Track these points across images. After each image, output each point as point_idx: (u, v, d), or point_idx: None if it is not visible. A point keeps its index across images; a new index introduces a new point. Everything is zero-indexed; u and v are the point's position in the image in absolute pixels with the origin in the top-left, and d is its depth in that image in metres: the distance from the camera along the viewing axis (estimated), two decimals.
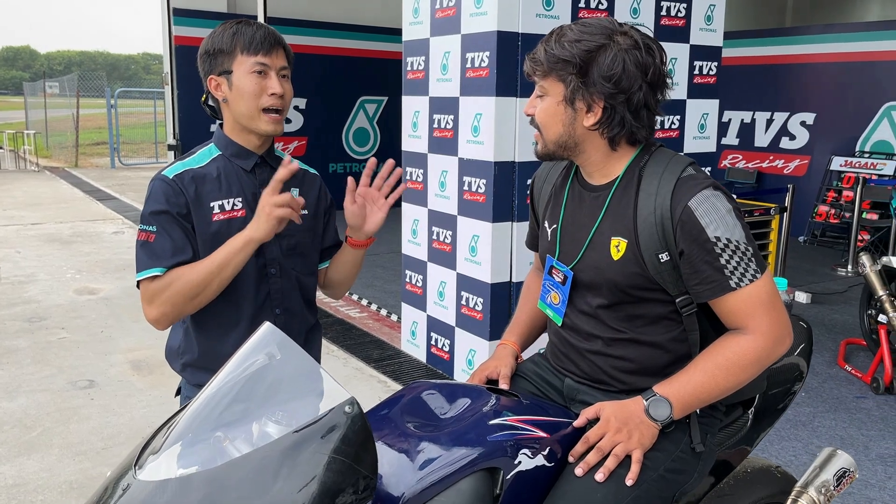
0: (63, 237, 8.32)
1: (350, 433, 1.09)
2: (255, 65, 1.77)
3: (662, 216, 1.47)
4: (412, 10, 4.44)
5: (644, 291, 1.53)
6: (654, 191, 1.49)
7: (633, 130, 1.52)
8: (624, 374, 1.59)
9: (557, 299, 1.65)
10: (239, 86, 1.78)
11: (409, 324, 4.82)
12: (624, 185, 1.55)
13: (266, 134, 1.83)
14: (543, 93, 1.55)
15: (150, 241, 1.75)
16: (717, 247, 1.44)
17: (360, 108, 10.36)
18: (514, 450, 1.38)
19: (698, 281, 1.47)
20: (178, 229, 1.76)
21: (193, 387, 1.90)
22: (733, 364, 1.46)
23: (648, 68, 1.48)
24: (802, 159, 9.25)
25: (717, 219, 1.44)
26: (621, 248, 1.52)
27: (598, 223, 1.57)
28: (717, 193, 1.47)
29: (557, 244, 1.66)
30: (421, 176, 4.51)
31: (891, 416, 4.05)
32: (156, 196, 1.78)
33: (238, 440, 1.16)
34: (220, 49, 1.80)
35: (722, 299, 1.47)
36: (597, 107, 1.50)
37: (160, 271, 1.73)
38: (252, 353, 1.23)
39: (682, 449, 1.53)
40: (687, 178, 1.49)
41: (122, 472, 1.19)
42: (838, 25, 9.43)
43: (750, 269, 1.45)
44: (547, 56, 1.51)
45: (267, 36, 1.80)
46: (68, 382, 4.23)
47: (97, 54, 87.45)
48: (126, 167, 15.92)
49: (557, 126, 1.54)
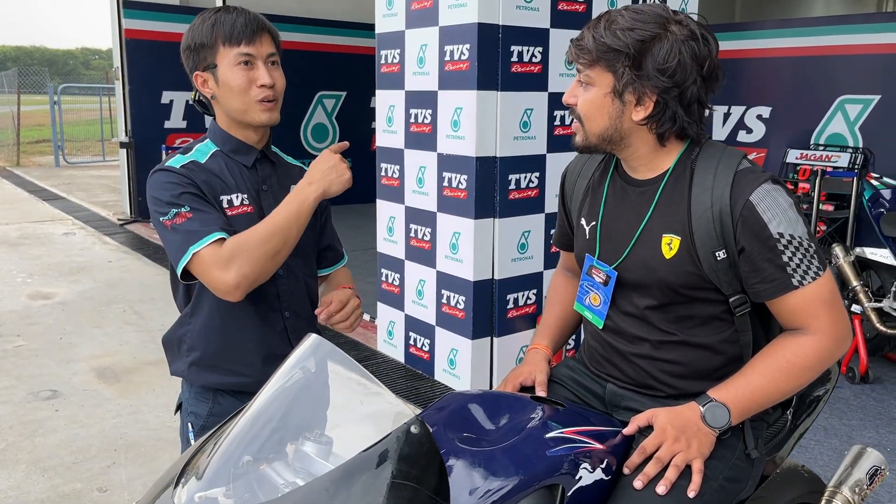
0: (10, 240, 7.95)
1: (417, 455, 1.00)
2: (239, 56, 1.65)
3: (721, 211, 1.40)
4: (386, 2, 4.32)
5: (697, 291, 1.46)
6: (709, 185, 1.42)
7: (685, 125, 1.44)
8: (674, 378, 1.51)
9: (598, 300, 1.57)
10: (225, 80, 1.66)
11: (385, 323, 4.71)
12: (674, 180, 1.47)
13: (262, 124, 1.72)
14: (589, 82, 1.46)
15: (190, 218, 1.58)
16: (780, 243, 1.38)
17: (319, 104, 10.16)
18: (573, 464, 1.30)
19: (759, 279, 1.41)
20: (211, 207, 1.63)
21: (200, 400, 1.77)
22: (794, 366, 1.40)
23: (705, 61, 1.41)
24: (759, 152, 9.39)
25: (780, 213, 1.38)
26: (674, 246, 1.44)
27: (646, 219, 1.49)
28: (777, 187, 1.41)
29: (598, 242, 1.57)
30: (397, 172, 4.40)
31: (869, 404, 4.10)
32: (170, 182, 1.63)
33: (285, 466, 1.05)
34: (200, 43, 1.67)
35: (782, 298, 1.40)
36: (648, 101, 1.42)
37: (223, 235, 1.57)
38: (296, 367, 1.12)
39: (738, 456, 1.47)
40: (745, 171, 1.42)
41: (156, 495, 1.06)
42: (792, 20, 9.61)
43: (812, 267, 1.39)
44: (596, 44, 1.42)
45: (249, 22, 1.67)
46: (30, 393, 4.01)
47: (34, 49, 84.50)
48: (71, 165, 15.35)
49: (603, 119, 1.46)
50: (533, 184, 4.05)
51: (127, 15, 8.62)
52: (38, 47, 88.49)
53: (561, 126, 4.11)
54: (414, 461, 1.00)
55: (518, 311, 4.12)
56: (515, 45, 3.83)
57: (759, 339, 1.51)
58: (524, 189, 4.02)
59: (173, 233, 1.59)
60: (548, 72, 3.99)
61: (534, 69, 3.93)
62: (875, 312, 4.38)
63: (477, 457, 1.26)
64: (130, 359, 4.47)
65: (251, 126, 1.72)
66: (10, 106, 16.82)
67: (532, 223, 4.08)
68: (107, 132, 16.63)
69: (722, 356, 1.51)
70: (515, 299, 4.11)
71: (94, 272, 6.62)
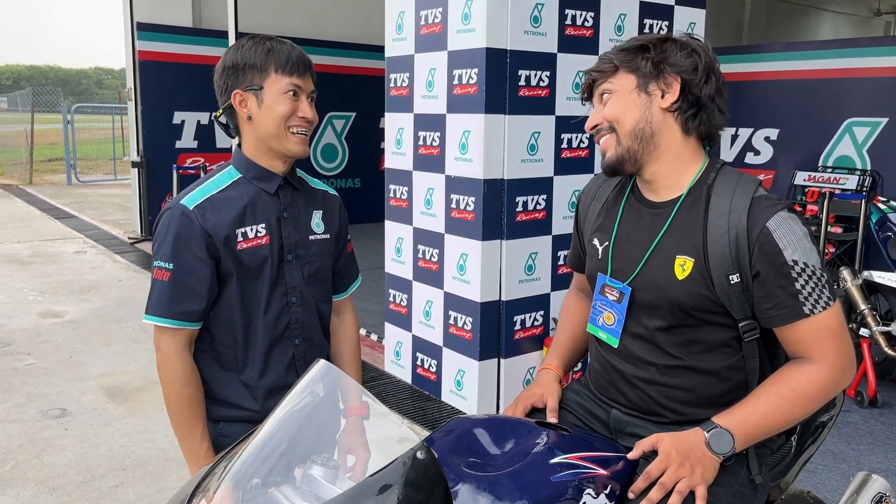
0: (21, 258, 8.02)
1: (423, 480, 1.01)
2: (289, 85, 1.70)
3: (738, 236, 1.42)
4: (395, 27, 4.38)
5: (707, 314, 1.48)
6: (726, 209, 1.45)
7: (708, 114, 1.50)
8: (679, 404, 1.53)
9: (612, 319, 1.58)
10: (270, 104, 1.69)
11: (392, 344, 4.72)
12: (690, 202, 1.51)
13: (293, 156, 1.75)
14: (610, 90, 1.52)
15: (164, 281, 1.68)
16: (794, 271, 1.40)
17: (329, 124, 10.24)
18: (577, 490, 1.31)
19: (771, 305, 1.43)
20: (194, 271, 1.67)
21: (210, 422, 1.79)
22: (799, 395, 1.41)
23: (713, 65, 1.50)
24: (767, 174, 9.40)
25: (795, 241, 1.41)
26: (687, 268, 1.47)
27: (658, 239, 1.51)
28: (793, 216, 1.43)
29: (609, 261, 1.59)
30: (405, 193, 4.44)
31: (877, 429, 4.08)
32: (174, 230, 1.67)
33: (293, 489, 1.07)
34: (251, 64, 1.70)
35: (792, 326, 1.42)
36: (674, 83, 1.49)
37: (163, 322, 1.68)
38: (307, 391, 1.14)
39: (742, 482, 1.48)
40: (762, 198, 1.45)
41: None
42: (800, 44, 9.66)
43: (823, 296, 1.41)
44: (615, 54, 1.51)
45: (302, 57, 1.74)
46: (39, 412, 4.04)
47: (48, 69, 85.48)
48: (83, 184, 15.48)
49: (633, 114, 1.51)
50: (540, 206, 4.07)
51: (140, 37, 8.75)
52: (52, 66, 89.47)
53: (568, 149, 4.14)
54: (420, 486, 1.01)
55: (525, 333, 4.14)
56: (523, 70, 3.88)
57: (764, 366, 1.52)
58: (531, 211, 4.05)
59: (153, 283, 1.71)
60: (555, 95, 4.03)
61: (541, 93, 3.97)
62: (883, 336, 4.37)
63: (482, 482, 1.27)
64: (139, 377, 4.49)
65: (279, 155, 1.74)
66: (23, 125, 16.99)
67: (539, 245, 4.10)
68: (119, 151, 16.76)
69: (727, 382, 1.52)
70: (522, 321, 4.12)
71: (104, 291, 6.66)
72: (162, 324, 1.67)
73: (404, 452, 1.01)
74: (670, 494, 1.37)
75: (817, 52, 9.03)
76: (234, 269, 1.69)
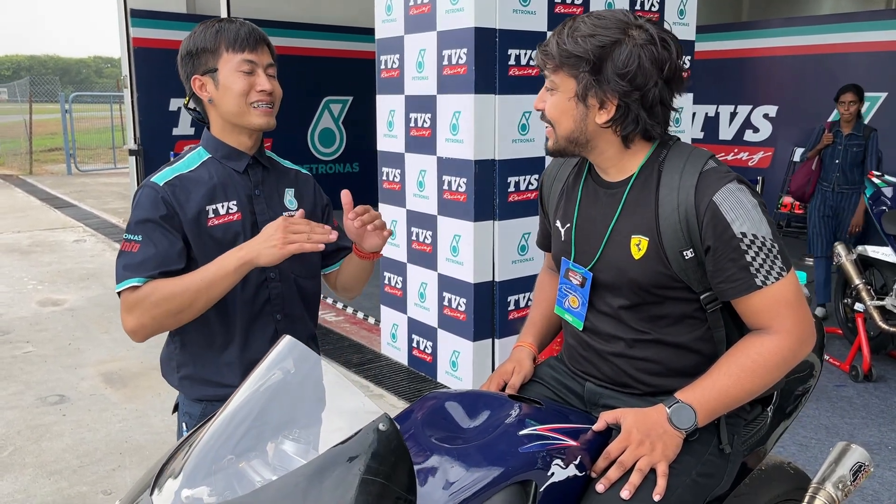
0: (21, 247, 8.05)
1: (385, 451, 1.02)
2: (242, 62, 1.70)
3: (687, 211, 1.42)
4: (385, 8, 4.36)
5: (667, 290, 1.48)
6: (675, 185, 1.44)
7: (648, 128, 1.47)
8: (649, 375, 1.54)
9: (577, 303, 1.60)
10: (226, 84, 1.70)
11: (388, 326, 4.74)
12: (642, 181, 1.50)
13: (258, 128, 1.75)
14: (554, 87, 1.49)
15: (133, 252, 1.66)
16: (744, 243, 1.40)
17: (325, 109, 10.22)
18: (546, 461, 1.32)
19: (722, 279, 1.43)
20: (165, 239, 1.66)
21: (193, 401, 1.81)
22: (759, 366, 1.41)
23: (664, 64, 1.43)
24: (766, 151, 9.38)
25: (743, 213, 1.40)
26: (643, 247, 1.47)
27: (614, 221, 1.52)
28: (741, 187, 1.43)
29: (573, 245, 1.60)
30: (398, 176, 4.44)
31: (872, 403, 4.10)
32: (142, 204, 1.70)
33: (263, 464, 1.08)
34: (202, 48, 1.72)
35: (746, 298, 1.42)
36: (610, 104, 1.45)
37: (139, 282, 1.63)
38: (272, 368, 1.15)
39: (711, 451, 1.49)
40: (710, 171, 1.44)
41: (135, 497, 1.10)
42: (797, 19, 9.58)
43: (776, 267, 1.41)
44: (559, 50, 1.45)
45: (252, 32, 1.73)
46: (38, 398, 4.07)
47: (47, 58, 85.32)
48: (83, 173, 15.51)
49: (568, 122, 1.49)
50: (532, 186, 4.07)
51: (134, 24, 8.71)
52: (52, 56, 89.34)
53: None
54: (382, 458, 1.02)
55: (519, 313, 4.15)
56: (513, 49, 3.86)
57: (732, 335, 1.52)
58: (523, 191, 4.04)
59: (119, 257, 1.68)
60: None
61: (531, 72, 3.95)
62: (878, 311, 4.38)
63: (451, 454, 1.28)
64: (137, 364, 4.52)
65: (245, 131, 1.75)
66: (22, 115, 17.00)
67: (532, 225, 4.10)
68: (118, 140, 16.76)
69: (696, 354, 1.53)
70: (516, 301, 4.13)
71: (103, 278, 6.69)
72: (134, 283, 1.62)
73: (367, 424, 1.03)
74: (631, 472, 1.38)
75: (815, 28, 8.96)
76: (206, 246, 1.69)
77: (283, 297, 1.81)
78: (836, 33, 8.78)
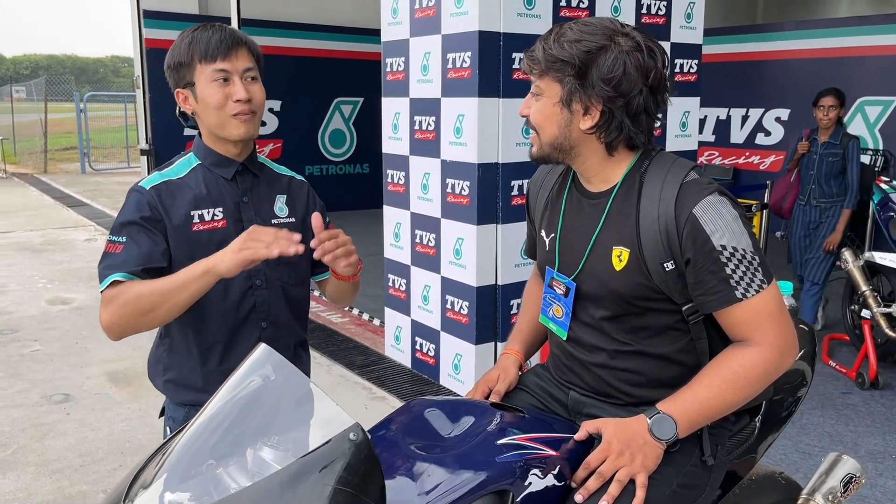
0: (34, 245, 8.13)
1: (356, 462, 1.02)
2: (214, 73, 1.68)
3: (667, 223, 1.41)
4: (391, 11, 4.37)
5: (649, 302, 1.48)
6: (656, 197, 1.44)
7: (631, 135, 1.47)
8: (631, 386, 1.53)
9: (561, 312, 1.59)
10: (203, 97, 1.70)
11: (392, 328, 4.75)
12: (624, 192, 1.50)
13: (239, 139, 1.73)
14: (539, 92, 1.50)
15: (116, 252, 1.65)
16: (723, 255, 1.39)
17: (336, 110, 10.26)
18: (523, 470, 1.32)
19: (702, 291, 1.42)
20: (148, 239, 1.66)
21: (178, 405, 1.82)
22: (740, 378, 1.41)
23: (650, 72, 1.43)
24: (778, 155, 9.30)
25: (723, 226, 1.39)
26: (623, 259, 1.47)
27: (597, 232, 1.51)
28: (722, 199, 1.42)
29: (557, 254, 1.60)
30: (402, 178, 4.45)
31: (877, 411, 4.06)
32: (128, 207, 1.70)
33: (235, 471, 1.09)
34: (178, 62, 1.71)
35: (727, 310, 1.42)
36: (594, 110, 1.45)
37: (121, 276, 1.61)
38: (247, 376, 1.15)
39: (693, 462, 1.48)
40: (691, 182, 1.44)
41: None
42: (811, 22, 9.51)
43: (756, 279, 1.40)
44: (545, 55, 1.46)
45: (224, 38, 1.69)
46: (43, 397, 4.11)
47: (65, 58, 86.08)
48: (97, 172, 15.64)
49: (553, 128, 1.49)
50: None
51: (147, 24, 8.79)
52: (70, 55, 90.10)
53: None
54: (353, 468, 1.02)
55: None
56: (517, 52, 3.86)
57: (715, 346, 1.51)
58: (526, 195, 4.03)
59: (102, 258, 1.66)
60: None
61: None
62: (884, 318, 4.34)
63: (429, 461, 1.28)
64: (142, 363, 4.51)
65: (228, 140, 1.75)
66: (38, 114, 17.16)
67: None
68: (132, 139, 16.88)
69: (678, 365, 1.52)
70: (519, 305, 4.11)
71: None
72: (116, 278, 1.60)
73: (338, 434, 1.03)
74: (611, 482, 1.37)
75: (828, 31, 8.89)
76: (189, 251, 1.69)
77: (269, 304, 1.80)
78: (850, 36, 8.71)
